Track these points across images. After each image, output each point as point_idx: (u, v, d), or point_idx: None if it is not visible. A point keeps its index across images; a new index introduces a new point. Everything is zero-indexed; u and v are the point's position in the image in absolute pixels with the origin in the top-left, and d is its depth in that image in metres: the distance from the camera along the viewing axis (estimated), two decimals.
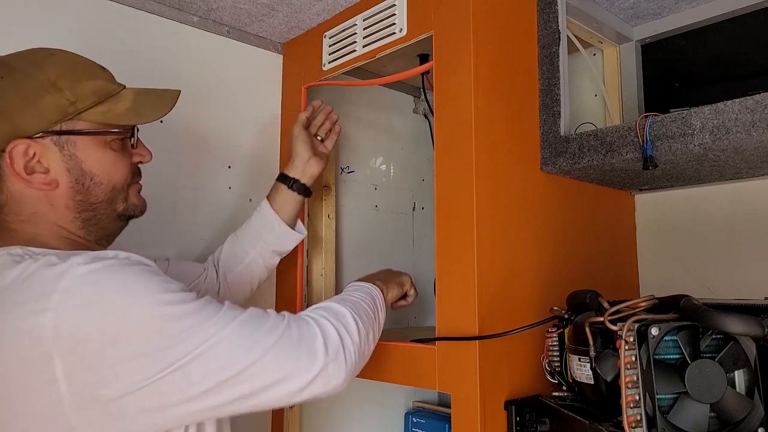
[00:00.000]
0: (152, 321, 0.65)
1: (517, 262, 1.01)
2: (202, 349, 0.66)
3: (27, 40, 1.08)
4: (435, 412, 1.49)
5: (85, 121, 0.78)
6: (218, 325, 0.69)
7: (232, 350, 0.68)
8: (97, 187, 0.80)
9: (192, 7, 1.27)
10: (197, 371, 0.66)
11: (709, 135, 0.87)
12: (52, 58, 0.78)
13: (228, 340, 0.68)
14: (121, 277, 0.66)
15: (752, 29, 1.23)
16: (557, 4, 1.12)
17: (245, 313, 0.73)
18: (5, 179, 0.76)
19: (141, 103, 0.81)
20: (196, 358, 0.66)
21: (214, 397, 0.67)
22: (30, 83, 0.75)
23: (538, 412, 0.94)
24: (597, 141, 1.00)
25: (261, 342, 0.71)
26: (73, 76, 0.77)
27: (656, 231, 1.35)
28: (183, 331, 0.66)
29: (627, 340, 0.72)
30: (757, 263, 1.20)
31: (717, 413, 0.71)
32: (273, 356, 0.71)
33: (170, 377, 0.64)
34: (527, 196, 1.05)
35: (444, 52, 1.02)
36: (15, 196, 0.76)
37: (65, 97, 0.75)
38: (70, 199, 0.78)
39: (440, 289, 0.98)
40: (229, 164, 1.34)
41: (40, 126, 0.75)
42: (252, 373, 0.69)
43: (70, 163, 0.77)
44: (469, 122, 0.96)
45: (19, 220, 0.76)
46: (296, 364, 0.72)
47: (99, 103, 0.78)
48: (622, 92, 1.40)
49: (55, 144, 0.76)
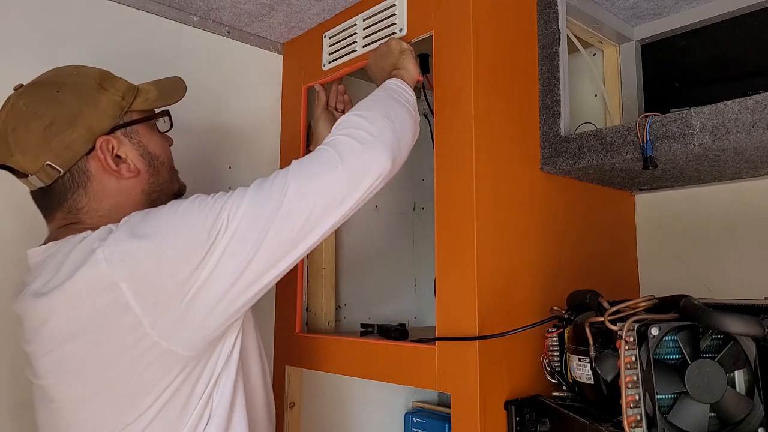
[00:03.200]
0: (185, 227, 0.73)
1: (517, 262, 1.01)
2: (233, 225, 0.73)
3: (27, 40, 1.08)
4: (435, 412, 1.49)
5: (135, 111, 0.86)
6: (237, 199, 0.76)
7: (257, 209, 0.75)
8: (162, 166, 0.89)
9: (192, 7, 1.27)
10: (238, 243, 0.73)
11: (709, 135, 0.87)
12: (80, 69, 0.85)
13: (250, 203, 0.75)
14: (147, 212, 0.77)
15: (752, 29, 1.23)
16: (557, 4, 1.12)
17: (256, 181, 0.80)
18: (92, 179, 0.82)
19: (164, 89, 0.89)
20: (233, 233, 0.73)
21: (264, 252, 0.75)
22: (82, 89, 0.82)
23: (538, 412, 0.94)
24: (597, 141, 1.00)
25: (278, 188, 0.77)
26: (107, 78, 0.85)
27: (656, 231, 1.35)
28: (212, 221, 0.73)
29: (627, 340, 0.72)
30: (757, 263, 1.20)
31: (717, 413, 0.71)
32: (294, 192, 0.76)
33: (222, 261, 0.73)
34: (527, 196, 1.05)
35: (444, 53, 1.02)
36: (98, 194, 0.83)
37: (114, 93, 0.83)
38: (146, 183, 0.87)
39: (440, 289, 0.98)
40: (229, 164, 1.34)
41: (108, 122, 0.82)
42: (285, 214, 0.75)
43: (141, 149, 0.86)
44: (469, 122, 0.96)
45: (97, 216, 0.82)
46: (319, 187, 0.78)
47: (136, 96, 0.86)
48: (622, 92, 1.40)
49: (124, 135, 0.84)
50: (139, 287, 0.70)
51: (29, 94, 0.81)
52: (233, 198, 0.76)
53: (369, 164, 0.80)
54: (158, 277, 0.71)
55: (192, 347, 0.75)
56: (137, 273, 0.71)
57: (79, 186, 0.81)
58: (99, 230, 0.76)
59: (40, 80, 0.83)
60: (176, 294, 0.72)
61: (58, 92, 0.80)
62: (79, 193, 0.82)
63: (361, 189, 0.80)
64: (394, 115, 0.87)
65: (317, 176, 0.78)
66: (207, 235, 0.73)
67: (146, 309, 0.70)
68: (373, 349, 1.07)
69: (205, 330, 0.75)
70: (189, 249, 0.72)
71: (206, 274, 0.72)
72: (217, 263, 0.73)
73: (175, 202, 0.78)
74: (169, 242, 0.72)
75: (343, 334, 1.26)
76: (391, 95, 0.92)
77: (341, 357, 1.13)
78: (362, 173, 0.80)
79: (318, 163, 0.80)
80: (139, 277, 0.71)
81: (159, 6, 1.25)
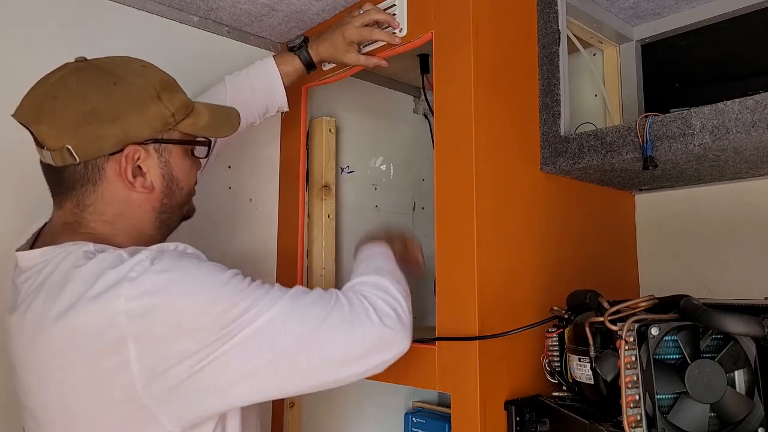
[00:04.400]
0: (212, 303, 0.70)
1: (517, 262, 1.01)
2: (257, 325, 0.71)
3: (27, 39, 1.08)
4: (435, 412, 1.49)
5: (179, 132, 0.84)
6: (271, 302, 0.73)
7: (286, 324, 0.73)
8: (180, 191, 0.87)
9: (192, 7, 1.27)
10: (254, 346, 0.70)
11: (709, 135, 0.87)
12: (147, 69, 0.83)
13: (282, 314, 0.73)
14: (184, 266, 0.72)
15: (752, 29, 1.23)
16: (557, 4, 1.12)
17: (293, 290, 0.77)
18: (104, 179, 0.79)
19: (216, 119, 0.88)
20: (253, 333, 0.70)
21: (273, 371, 0.72)
22: (138, 92, 0.79)
23: (538, 412, 0.94)
24: (597, 141, 1.00)
25: (313, 313, 0.75)
26: (170, 89, 0.83)
27: (656, 231, 1.35)
28: (240, 311, 0.70)
29: (627, 340, 0.72)
30: (757, 263, 1.20)
31: (717, 413, 0.71)
32: (327, 327, 0.75)
33: (231, 353, 0.69)
34: (527, 196, 1.05)
35: (444, 52, 1.02)
36: (105, 197, 0.80)
37: (167, 108, 0.81)
38: (158, 201, 0.84)
39: (440, 289, 0.98)
40: (229, 164, 1.34)
41: (147, 134, 0.80)
42: (308, 344, 0.73)
43: (165, 169, 0.84)
44: (469, 122, 0.96)
45: (101, 220, 0.80)
46: (351, 332, 0.76)
47: (187, 116, 0.84)
48: (622, 92, 1.40)
49: (155, 151, 0.82)
50: (145, 349, 0.67)
51: (86, 74, 0.78)
52: (268, 297, 0.73)
53: (397, 340, 0.81)
54: (167, 345, 0.68)
55: (179, 423, 0.71)
56: (149, 334, 0.67)
57: (89, 181, 0.79)
58: (108, 255, 0.71)
59: (103, 64, 0.80)
60: (177, 365, 0.68)
61: (114, 84, 0.78)
62: (87, 189, 0.79)
63: (380, 358, 0.80)
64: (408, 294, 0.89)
65: (353, 327, 0.77)
66: (229, 321, 0.69)
67: (144, 371, 0.67)
68: None
69: (195, 412, 0.72)
70: (207, 328, 0.69)
71: (213, 358, 0.69)
72: (227, 353, 0.69)
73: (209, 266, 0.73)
74: (192, 314, 0.69)
75: None
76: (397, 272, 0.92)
77: None
78: (389, 346, 0.80)
79: (357, 315, 0.78)
80: (149, 339, 0.67)
81: (159, 6, 1.25)
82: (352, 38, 1.12)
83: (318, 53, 1.15)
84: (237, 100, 1.11)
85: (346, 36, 1.11)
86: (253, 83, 1.15)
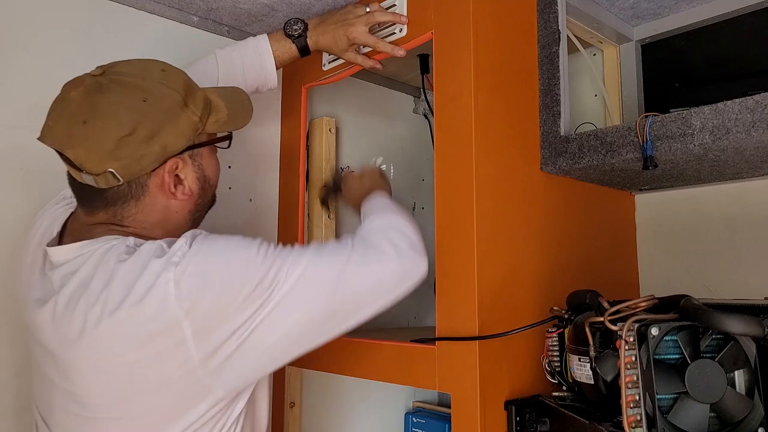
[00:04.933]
0: (251, 273, 0.74)
1: (517, 262, 1.01)
2: (291, 281, 0.75)
3: (27, 40, 1.08)
4: (435, 412, 1.49)
5: (206, 133, 0.85)
6: (298, 258, 0.77)
7: (316, 273, 0.77)
8: (211, 189, 0.90)
9: (192, 7, 1.27)
10: (293, 300, 0.75)
11: (709, 135, 0.87)
12: (167, 74, 0.82)
13: (311, 266, 0.77)
14: (219, 244, 0.76)
15: (752, 29, 1.23)
16: (557, 4, 1.12)
17: (312, 245, 0.82)
18: (147, 194, 0.81)
19: (233, 110, 0.88)
20: (290, 289, 0.75)
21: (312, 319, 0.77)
22: (167, 104, 0.79)
23: (538, 412, 0.94)
24: (597, 141, 1.00)
25: (337, 258, 0.80)
26: (190, 91, 0.83)
27: (656, 231, 1.35)
28: (275, 273, 0.75)
29: (627, 340, 0.72)
30: (757, 263, 1.20)
31: (717, 413, 0.71)
32: (352, 268, 0.80)
33: (275, 313, 0.74)
34: (527, 196, 1.05)
35: (444, 53, 1.02)
36: (147, 208, 0.82)
37: (194, 113, 0.81)
38: (194, 204, 0.87)
39: (440, 289, 0.98)
40: (229, 164, 1.34)
41: (183, 144, 0.81)
42: (339, 286, 0.78)
43: (199, 172, 0.86)
44: (469, 122, 0.96)
45: (141, 227, 0.82)
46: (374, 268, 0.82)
47: (209, 114, 0.84)
48: (622, 92, 1.40)
49: (190, 157, 0.84)
50: (199, 326, 0.71)
51: (113, 93, 0.76)
52: (294, 254, 0.78)
53: (415, 267, 0.86)
54: (218, 319, 0.72)
55: (229, 390, 0.76)
56: (200, 312, 0.71)
57: (132, 198, 0.80)
58: (150, 246, 0.74)
59: (125, 78, 0.78)
60: (230, 337, 0.72)
61: (144, 101, 0.77)
62: (129, 204, 0.80)
63: (405, 285, 0.85)
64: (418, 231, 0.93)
65: (374, 264, 0.82)
66: (268, 284, 0.74)
67: (200, 347, 0.71)
68: (373, 349, 1.07)
69: (245, 377, 0.77)
70: (251, 297, 0.73)
71: (258, 323, 0.73)
72: (270, 314, 0.74)
73: (237, 239, 0.77)
74: (234, 286, 0.73)
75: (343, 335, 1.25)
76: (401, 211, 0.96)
77: (341, 357, 1.13)
78: (410, 273, 0.85)
79: (375, 252, 0.84)
80: (202, 316, 0.71)
81: (159, 6, 1.25)
82: (356, 41, 1.11)
83: (316, 43, 1.14)
84: (228, 81, 1.11)
85: (351, 37, 1.11)
86: (246, 65, 1.13)
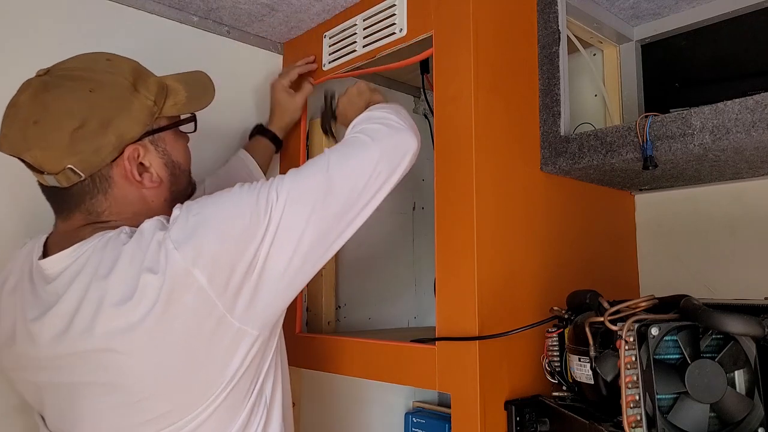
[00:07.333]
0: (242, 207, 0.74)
1: (517, 262, 1.01)
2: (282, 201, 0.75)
3: (26, 40, 1.08)
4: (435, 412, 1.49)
5: (165, 117, 0.84)
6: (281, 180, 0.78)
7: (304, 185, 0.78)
8: (183, 175, 0.88)
9: (192, 7, 1.27)
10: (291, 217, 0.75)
11: (709, 135, 0.87)
12: (113, 63, 0.81)
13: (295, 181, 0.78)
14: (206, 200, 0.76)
15: (752, 29, 1.23)
16: (557, 4, 1.12)
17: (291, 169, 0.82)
18: (113, 186, 0.80)
19: (193, 91, 0.88)
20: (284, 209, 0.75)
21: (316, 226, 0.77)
22: (116, 91, 0.78)
23: (538, 412, 0.94)
24: (597, 141, 1.00)
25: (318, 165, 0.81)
26: (141, 76, 0.82)
27: (656, 231, 1.35)
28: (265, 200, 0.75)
29: (627, 340, 0.72)
30: (757, 263, 1.20)
31: (717, 413, 0.71)
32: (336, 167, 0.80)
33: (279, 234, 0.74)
34: (527, 196, 1.05)
35: (444, 53, 1.02)
36: (118, 200, 0.81)
37: (147, 98, 0.80)
38: (168, 191, 0.86)
39: (440, 289, 0.98)
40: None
41: (139, 130, 0.80)
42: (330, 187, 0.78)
43: (165, 158, 0.84)
44: (469, 122, 0.96)
45: (123, 218, 0.81)
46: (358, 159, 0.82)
47: (166, 97, 0.83)
48: (622, 92, 1.40)
49: (151, 143, 0.82)
50: (211, 271, 0.70)
51: (60, 88, 0.75)
52: (275, 180, 0.78)
53: (400, 143, 0.86)
54: (228, 259, 0.71)
55: (262, 326, 0.77)
56: (208, 257, 0.70)
57: (99, 192, 0.79)
58: (149, 223, 0.74)
59: (71, 72, 0.77)
60: (246, 273, 0.73)
61: (91, 91, 0.76)
62: (98, 198, 0.79)
63: (397, 162, 0.85)
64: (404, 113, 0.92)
65: (355, 155, 0.82)
66: (262, 210, 0.74)
67: (220, 291, 0.71)
68: (373, 349, 1.07)
69: (272, 307, 0.77)
70: (250, 228, 0.73)
71: (266, 249, 0.74)
72: (275, 237, 0.74)
73: (222, 191, 0.78)
74: (232, 223, 0.73)
75: (343, 334, 1.25)
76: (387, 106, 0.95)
77: (341, 357, 1.13)
78: (395, 151, 0.85)
79: (353, 146, 0.84)
80: (210, 260, 0.70)
81: (159, 6, 1.25)
82: (285, 88, 1.27)
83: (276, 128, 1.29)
84: None
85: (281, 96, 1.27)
86: None
